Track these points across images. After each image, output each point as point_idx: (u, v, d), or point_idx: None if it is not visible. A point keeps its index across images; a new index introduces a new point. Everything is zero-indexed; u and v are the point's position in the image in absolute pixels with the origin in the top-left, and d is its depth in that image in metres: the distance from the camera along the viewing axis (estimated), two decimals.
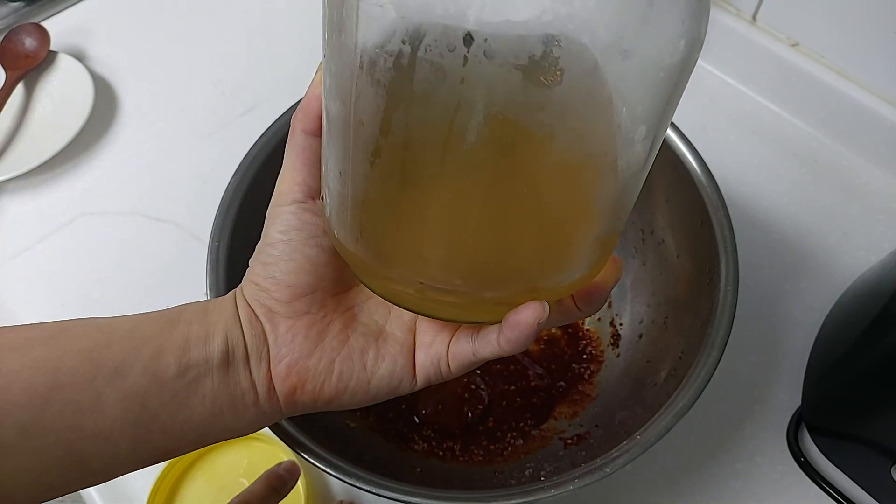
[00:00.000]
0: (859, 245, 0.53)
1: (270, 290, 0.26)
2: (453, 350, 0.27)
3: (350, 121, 0.21)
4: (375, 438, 0.44)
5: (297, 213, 0.26)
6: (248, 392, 0.26)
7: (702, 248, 0.41)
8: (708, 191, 0.41)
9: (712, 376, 0.36)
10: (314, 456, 0.34)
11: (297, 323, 0.26)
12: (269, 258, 0.26)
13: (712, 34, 0.61)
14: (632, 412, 0.40)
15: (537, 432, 0.45)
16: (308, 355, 0.26)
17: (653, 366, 0.43)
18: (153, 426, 0.25)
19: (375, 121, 0.20)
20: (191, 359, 0.25)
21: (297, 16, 0.68)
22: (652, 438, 0.34)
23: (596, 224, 0.23)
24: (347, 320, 0.27)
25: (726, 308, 0.38)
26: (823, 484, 0.44)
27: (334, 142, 0.22)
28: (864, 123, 0.55)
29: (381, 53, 0.19)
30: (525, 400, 0.47)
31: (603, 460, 0.34)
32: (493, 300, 0.23)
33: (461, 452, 0.45)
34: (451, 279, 0.22)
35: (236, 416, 0.26)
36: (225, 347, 0.26)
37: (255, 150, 0.43)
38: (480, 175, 0.20)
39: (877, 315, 0.41)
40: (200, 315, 0.26)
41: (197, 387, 0.25)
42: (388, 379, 0.27)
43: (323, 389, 0.26)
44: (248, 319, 0.26)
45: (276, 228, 0.26)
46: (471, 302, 0.23)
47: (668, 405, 0.36)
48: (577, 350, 0.49)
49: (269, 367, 0.26)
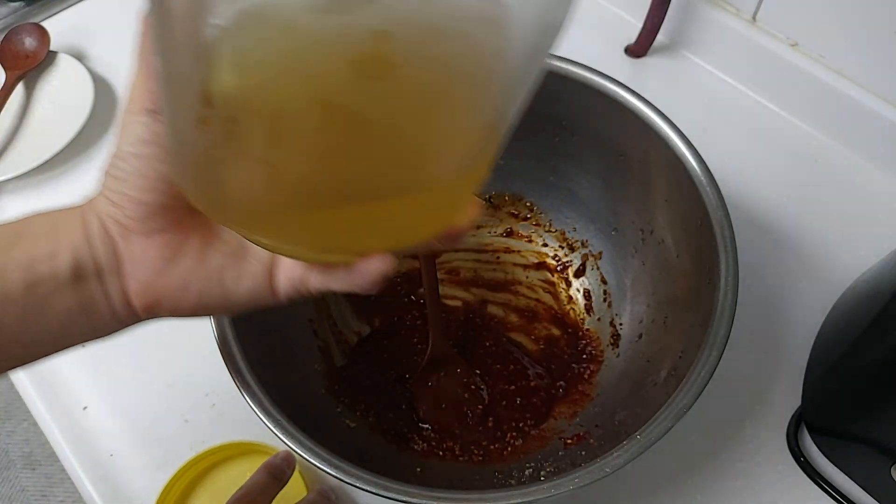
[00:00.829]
0: (859, 245, 0.53)
1: (123, 206, 0.25)
2: (311, 275, 0.27)
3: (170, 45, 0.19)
4: (375, 438, 0.44)
5: (150, 125, 0.24)
6: (103, 305, 0.26)
7: (702, 248, 0.41)
8: (708, 191, 0.41)
9: (712, 376, 0.36)
10: (315, 456, 0.34)
11: (151, 241, 0.25)
12: (121, 173, 0.25)
13: (713, 33, 0.61)
14: (632, 412, 0.40)
15: (537, 432, 0.45)
16: (162, 274, 0.25)
17: (653, 365, 0.43)
18: (4, 336, 0.25)
19: (199, 55, 0.19)
20: (37, 275, 0.25)
21: None
22: (652, 438, 0.34)
23: (448, 164, 0.21)
24: (206, 238, 0.26)
25: (726, 308, 0.38)
26: (823, 483, 0.44)
27: (163, 84, 0.21)
28: (863, 123, 0.56)
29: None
30: (525, 400, 0.47)
31: (603, 460, 0.34)
32: (340, 249, 0.23)
33: (461, 452, 0.45)
34: (294, 233, 0.22)
35: (94, 326, 0.26)
36: (74, 264, 0.25)
37: None
38: (324, 112, 0.19)
39: (877, 315, 0.41)
40: (49, 228, 0.26)
41: (47, 301, 0.25)
42: (247, 297, 0.27)
43: (181, 306, 0.26)
44: (101, 236, 0.25)
45: (127, 141, 0.24)
46: (321, 251, 0.23)
47: (669, 405, 0.36)
48: (576, 350, 0.49)
49: (123, 284, 0.26)
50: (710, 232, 0.40)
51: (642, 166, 0.46)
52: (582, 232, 0.52)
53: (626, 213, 0.48)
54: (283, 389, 0.38)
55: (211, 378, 0.48)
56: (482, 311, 0.51)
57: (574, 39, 0.65)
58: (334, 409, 0.44)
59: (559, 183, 0.51)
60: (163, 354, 0.49)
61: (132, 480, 0.45)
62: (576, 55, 0.45)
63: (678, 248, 0.44)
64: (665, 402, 0.36)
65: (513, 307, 0.51)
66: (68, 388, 0.48)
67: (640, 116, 0.43)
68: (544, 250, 0.53)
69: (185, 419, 0.47)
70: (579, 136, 0.48)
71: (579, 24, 0.66)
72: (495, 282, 0.53)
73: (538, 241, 0.53)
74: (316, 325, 0.47)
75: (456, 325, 0.50)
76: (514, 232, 0.54)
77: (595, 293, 0.50)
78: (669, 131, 0.43)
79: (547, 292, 0.52)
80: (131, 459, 0.46)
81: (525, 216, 0.53)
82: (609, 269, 0.50)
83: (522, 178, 0.52)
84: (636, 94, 0.44)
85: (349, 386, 0.46)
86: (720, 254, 0.39)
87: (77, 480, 0.45)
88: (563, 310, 0.51)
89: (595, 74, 0.45)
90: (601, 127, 0.46)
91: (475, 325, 0.51)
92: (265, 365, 0.38)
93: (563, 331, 0.50)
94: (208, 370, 0.48)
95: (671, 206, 0.44)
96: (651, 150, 0.44)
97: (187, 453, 0.45)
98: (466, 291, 0.52)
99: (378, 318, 0.51)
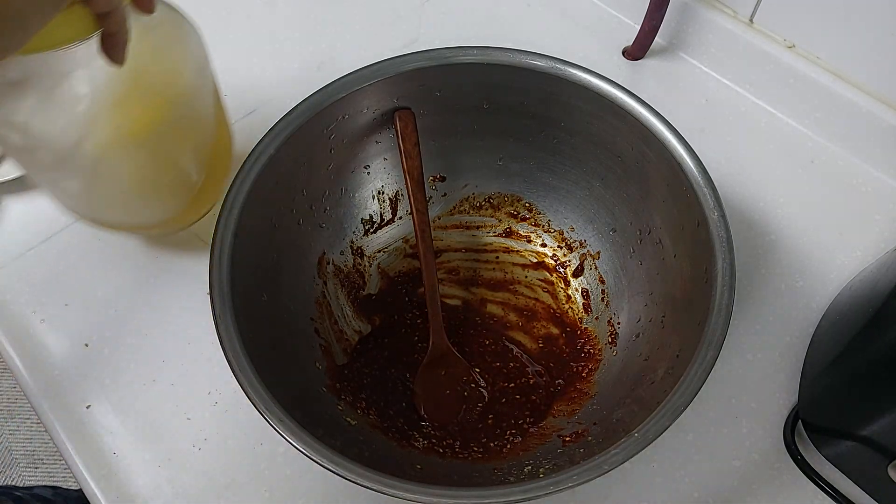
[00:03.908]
0: (855, 245, 0.54)
1: None
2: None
3: None
4: (376, 436, 0.44)
5: None
6: None
7: (699, 249, 0.41)
8: (705, 192, 0.41)
9: (709, 374, 0.37)
10: (315, 452, 0.35)
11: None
12: None
13: (710, 36, 0.61)
14: (629, 410, 0.41)
15: (536, 430, 0.46)
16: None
17: (650, 364, 0.43)
18: None
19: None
20: None
21: (299, 17, 0.68)
22: (650, 436, 0.35)
23: None
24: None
25: (723, 308, 0.38)
26: (820, 481, 0.44)
27: None
28: (860, 124, 0.56)
29: None
30: (524, 397, 0.47)
31: (601, 458, 0.35)
32: None
33: (461, 450, 0.45)
34: None
35: None
36: None
37: (258, 151, 0.43)
38: None
39: (873, 314, 0.41)
40: None
41: None
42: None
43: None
44: None
45: None
46: None
47: (666, 403, 0.36)
48: (575, 348, 0.49)
49: None
50: (707, 232, 0.41)
51: (640, 167, 0.46)
52: (580, 232, 0.52)
53: (624, 213, 0.49)
54: (284, 387, 0.38)
55: (213, 376, 0.49)
56: (482, 310, 0.52)
57: (572, 41, 0.65)
58: (335, 407, 0.44)
59: (558, 184, 0.52)
60: (165, 353, 0.50)
61: (135, 478, 0.45)
62: (573, 57, 0.46)
63: (675, 248, 0.45)
64: (663, 400, 0.36)
65: (512, 306, 0.52)
66: (71, 386, 0.49)
67: (638, 118, 0.44)
68: (543, 250, 0.53)
69: (188, 417, 0.47)
70: (577, 138, 0.48)
71: (577, 27, 0.67)
72: (494, 281, 0.53)
73: (537, 241, 0.54)
74: (317, 324, 0.48)
75: (456, 324, 0.51)
76: (513, 232, 0.54)
77: (593, 292, 0.51)
78: (667, 133, 0.43)
79: (546, 291, 0.52)
80: (134, 457, 0.46)
81: (524, 216, 0.54)
82: (607, 268, 0.51)
83: (521, 179, 0.53)
84: (634, 96, 0.44)
85: (350, 384, 0.46)
86: (716, 254, 0.40)
87: (80, 479, 0.46)
88: (561, 309, 0.51)
89: (593, 76, 0.45)
90: (599, 128, 0.47)
91: (475, 323, 0.51)
92: (267, 363, 0.39)
93: (561, 330, 0.50)
94: (210, 368, 0.49)
95: (669, 206, 0.45)
96: (649, 152, 0.45)
97: (190, 451, 0.46)
98: (466, 291, 0.53)
99: (379, 317, 0.51)
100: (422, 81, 0.47)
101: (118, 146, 0.40)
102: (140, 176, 0.43)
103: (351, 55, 0.65)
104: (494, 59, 0.46)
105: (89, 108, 0.38)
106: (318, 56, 0.65)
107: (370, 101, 0.47)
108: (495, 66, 0.47)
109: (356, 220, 0.52)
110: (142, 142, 0.41)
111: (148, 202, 0.46)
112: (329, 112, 0.45)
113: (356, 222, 0.52)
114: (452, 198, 0.54)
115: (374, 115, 0.48)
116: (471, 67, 0.47)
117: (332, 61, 0.65)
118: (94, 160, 0.40)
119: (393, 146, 0.50)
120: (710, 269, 0.40)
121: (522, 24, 0.67)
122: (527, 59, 0.46)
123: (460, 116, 0.50)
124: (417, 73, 0.46)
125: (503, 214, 0.54)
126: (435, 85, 0.48)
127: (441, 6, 0.69)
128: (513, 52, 0.46)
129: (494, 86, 0.48)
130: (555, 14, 0.67)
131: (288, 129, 0.44)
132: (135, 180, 0.43)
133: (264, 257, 0.44)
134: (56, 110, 0.38)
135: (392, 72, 0.46)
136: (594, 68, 0.45)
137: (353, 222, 0.52)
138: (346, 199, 0.51)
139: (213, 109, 0.45)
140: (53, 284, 0.54)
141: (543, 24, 0.67)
